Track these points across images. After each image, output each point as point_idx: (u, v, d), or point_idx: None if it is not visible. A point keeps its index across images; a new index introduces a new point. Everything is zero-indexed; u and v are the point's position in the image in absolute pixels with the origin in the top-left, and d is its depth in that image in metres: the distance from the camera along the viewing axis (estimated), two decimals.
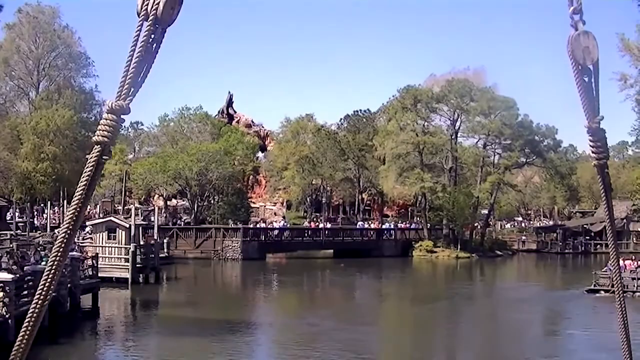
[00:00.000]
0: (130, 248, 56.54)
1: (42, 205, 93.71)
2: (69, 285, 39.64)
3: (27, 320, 2.86)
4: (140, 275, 58.00)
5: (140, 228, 64.47)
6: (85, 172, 2.84)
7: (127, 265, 56.12)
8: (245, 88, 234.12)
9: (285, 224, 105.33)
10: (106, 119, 2.89)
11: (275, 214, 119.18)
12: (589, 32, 3.30)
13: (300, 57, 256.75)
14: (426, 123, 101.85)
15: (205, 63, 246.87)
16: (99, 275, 47.67)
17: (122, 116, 2.90)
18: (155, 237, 70.10)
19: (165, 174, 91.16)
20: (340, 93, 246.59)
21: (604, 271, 58.52)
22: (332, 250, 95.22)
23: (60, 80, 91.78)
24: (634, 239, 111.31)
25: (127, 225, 58.38)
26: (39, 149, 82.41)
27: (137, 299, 51.46)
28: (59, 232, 2.88)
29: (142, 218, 77.44)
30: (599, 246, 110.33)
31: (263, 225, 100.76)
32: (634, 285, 54.75)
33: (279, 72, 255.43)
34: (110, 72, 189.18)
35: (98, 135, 2.87)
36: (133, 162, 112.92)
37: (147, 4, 2.92)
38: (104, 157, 2.86)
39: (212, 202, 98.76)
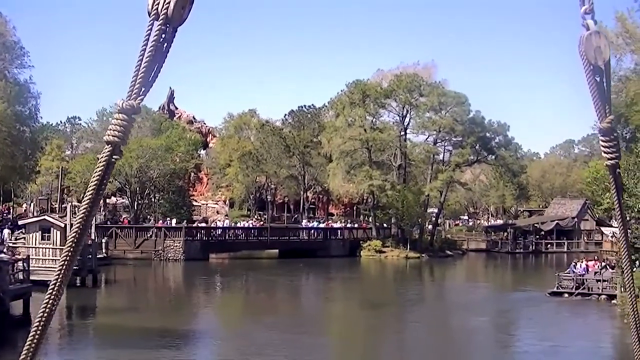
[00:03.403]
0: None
1: None
2: None
3: (34, 327, 2.80)
4: (77, 278, 54.32)
5: None
6: (95, 171, 2.85)
7: None
8: (186, 84, 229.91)
9: (246, 224, 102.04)
10: (117, 119, 2.88)
11: (217, 212, 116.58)
12: (600, 32, 3.22)
13: (243, 52, 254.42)
14: (374, 119, 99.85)
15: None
16: (31, 278, 44.17)
17: (132, 116, 2.89)
18: (93, 237, 67.08)
19: None
20: (285, 89, 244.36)
21: (566, 273, 56.62)
22: (277, 250, 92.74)
23: None
24: (585, 237, 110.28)
25: (63, 225, 55.07)
26: None
27: (73, 304, 48.56)
28: (69, 234, 2.83)
29: None
30: (549, 245, 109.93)
31: (204, 224, 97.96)
32: (599, 288, 52.70)
33: (221, 68, 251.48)
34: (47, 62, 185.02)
35: (109, 135, 2.85)
36: (71, 158, 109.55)
37: (158, 4, 2.90)
38: (114, 156, 2.86)
39: (152, 200, 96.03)
